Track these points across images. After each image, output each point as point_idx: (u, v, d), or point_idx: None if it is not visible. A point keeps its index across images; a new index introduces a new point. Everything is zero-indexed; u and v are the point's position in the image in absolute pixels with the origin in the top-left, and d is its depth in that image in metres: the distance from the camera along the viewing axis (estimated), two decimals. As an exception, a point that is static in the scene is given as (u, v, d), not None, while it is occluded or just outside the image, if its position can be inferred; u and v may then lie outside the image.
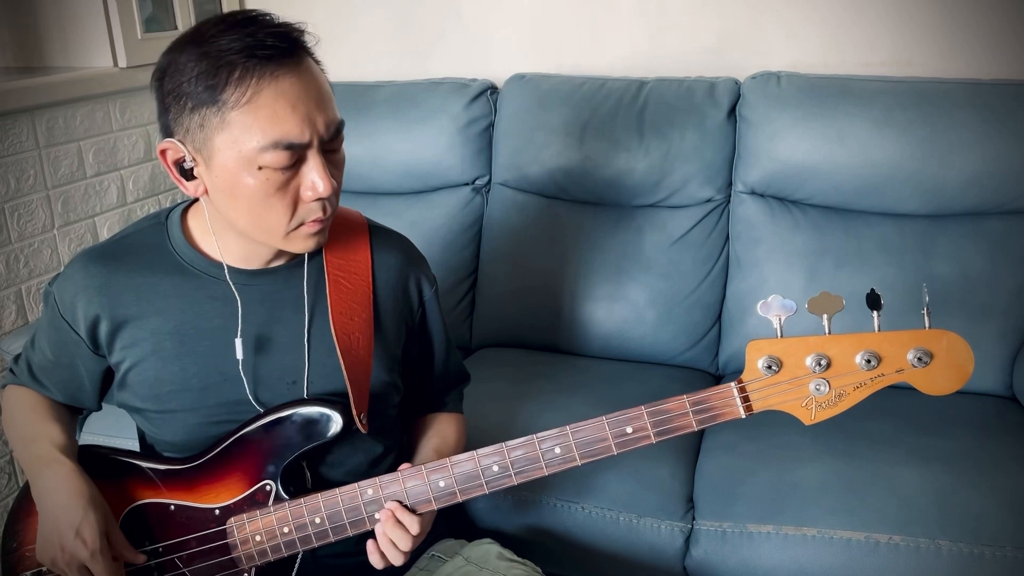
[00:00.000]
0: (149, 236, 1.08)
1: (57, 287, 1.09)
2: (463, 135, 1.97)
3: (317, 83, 0.94)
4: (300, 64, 0.92)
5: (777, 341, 0.90)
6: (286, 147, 0.91)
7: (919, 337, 0.88)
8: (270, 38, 0.90)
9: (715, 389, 0.92)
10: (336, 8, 2.22)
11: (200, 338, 1.05)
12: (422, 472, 0.99)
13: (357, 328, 1.07)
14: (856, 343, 0.89)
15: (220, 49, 0.89)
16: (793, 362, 0.90)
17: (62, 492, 1.00)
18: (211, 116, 0.90)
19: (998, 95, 1.68)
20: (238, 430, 1.04)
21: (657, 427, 0.94)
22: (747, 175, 1.81)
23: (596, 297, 1.83)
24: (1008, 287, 1.65)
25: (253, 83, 0.89)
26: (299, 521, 1.01)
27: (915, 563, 1.28)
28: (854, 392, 0.90)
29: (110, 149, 1.94)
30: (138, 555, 1.04)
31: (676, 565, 1.39)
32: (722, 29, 1.97)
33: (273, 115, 0.90)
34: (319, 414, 1.02)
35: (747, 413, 0.92)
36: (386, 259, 1.13)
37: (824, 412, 0.91)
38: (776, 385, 0.91)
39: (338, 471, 1.09)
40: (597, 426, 0.96)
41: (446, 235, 1.97)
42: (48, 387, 1.14)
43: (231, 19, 0.92)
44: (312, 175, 0.94)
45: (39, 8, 1.91)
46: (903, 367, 0.88)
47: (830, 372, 0.90)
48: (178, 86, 0.91)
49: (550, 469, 0.97)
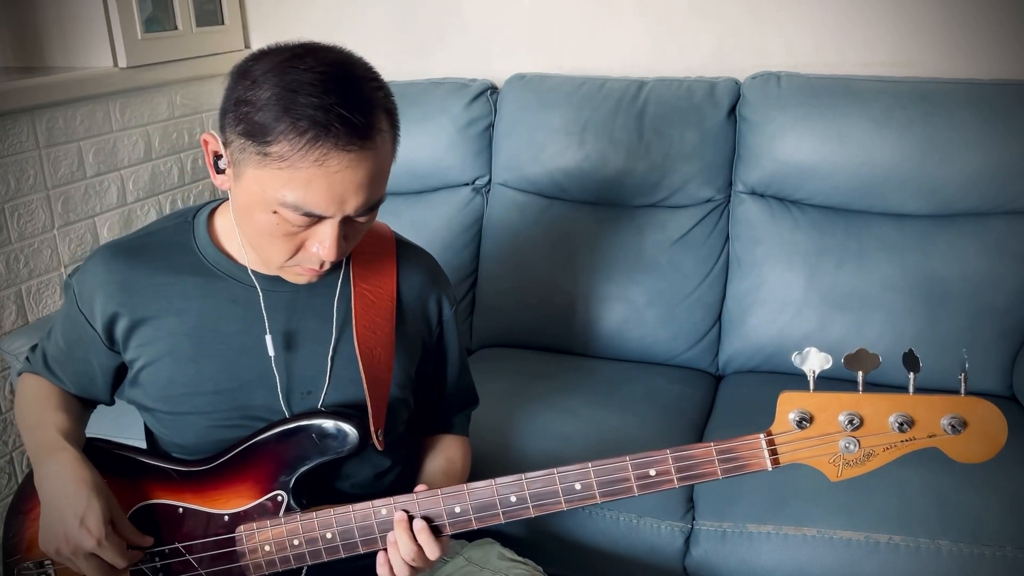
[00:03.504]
0: (174, 234, 1.08)
1: (77, 279, 1.08)
2: (463, 135, 1.97)
3: (368, 169, 0.90)
4: (362, 148, 0.88)
5: (810, 396, 0.89)
6: (305, 213, 0.90)
7: (955, 403, 0.86)
8: (347, 114, 0.86)
9: (743, 439, 0.91)
10: (336, 8, 2.22)
11: (218, 341, 1.04)
12: (438, 496, 0.98)
13: (379, 342, 1.06)
14: (890, 404, 0.87)
15: (293, 102, 0.86)
16: (825, 418, 0.88)
17: (65, 480, 0.99)
18: (253, 152, 0.89)
19: (998, 95, 1.68)
20: (252, 437, 1.03)
21: (681, 472, 0.93)
22: (747, 175, 1.81)
23: (596, 297, 1.83)
24: (1008, 287, 1.65)
25: (303, 150, 0.86)
26: (310, 535, 1.00)
27: (915, 563, 1.28)
28: (883, 453, 0.89)
29: (110, 149, 1.94)
30: (145, 538, 1.03)
31: (676, 565, 1.40)
32: (722, 29, 1.97)
33: (307, 185, 0.87)
34: (337, 429, 1.01)
35: (773, 466, 0.91)
36: (411, 275, 1.13)
37: (851, 470, 0.90)
38: (806, 440, 0.90)
39: (344, 483, 1.08)
40: (620, 466, 0.94)
41: (446, 235, 1.97)
42: (61, 378, 1.14)
43: (327, 73, 0.87)
44: (322, 238, 0.92)
45: (39, 8, 1.91)
46: (935, 433, 0.87)
47: (861, 431, 0.88)
48: (243, 103, 0.89)
49: (569, 505, 0.95)
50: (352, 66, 0.90)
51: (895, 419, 0.87)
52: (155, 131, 2.06)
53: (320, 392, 1.05)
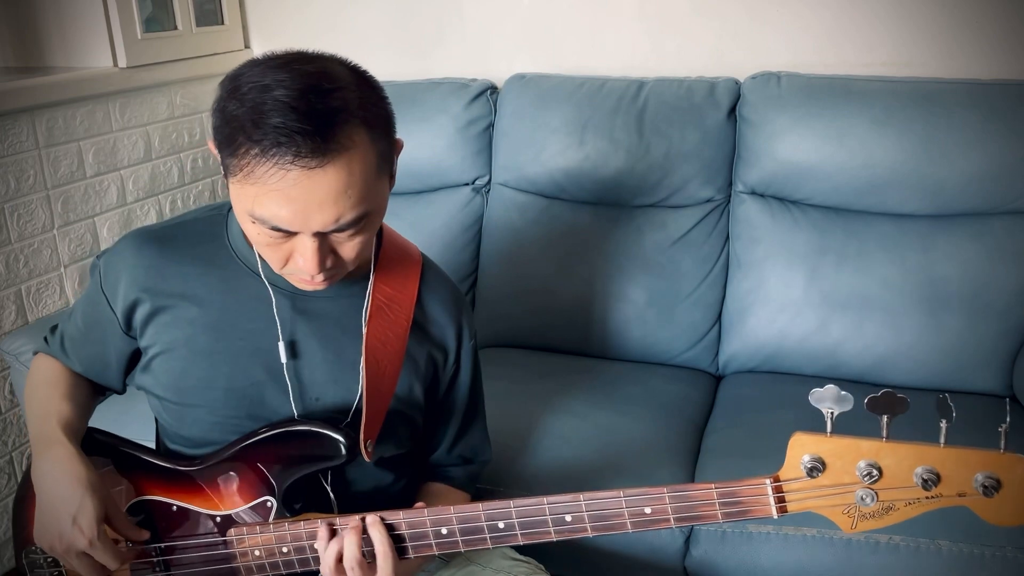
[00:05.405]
0: (207, 226, 1.08)
1: (105, 260, 1.08)
2: (463, 135, 1.97)
3: (332, 185, 0.85)
4: (321, 165, 0.84)
5: (825, 439, 0.80)
6: (273, 227, 0.88)
7: (990, 460, 0.76)
8: (305, 129, 0.82)
9: (747, 483, 0.84)
10: (336, 8, 2.22)
11: (236, 337, 1.03)
12: (425, 517, 0.95)
13: (387, 358, 1.05)
14: (916, 456, 0.77)
15: (260, 117, 0.83)
16: (840, 466, 0.80)
17: (59, 477, 0.99)
18: (225, 160, 0.89)
19: (998, 95, 1.68)
20: (245, 439, 1.03)
21: (678, 513, 0.87)
22: (747, 175, 1.81)
23: (596, 297, 1.83)
24: (1008, 287, 1.65)
25: (260, 166, 0.84)
26: (298, 543, 0.99)
27: (915, 563, 1.28)
28: (905, 508, 0.79)
29: (110, 149, 1.94)
30: (141, 531, 1.03)
31: (676, 565, 1.39)
32: (722, 29, 1.97)
33: (268, 200, 0.85)
34: (325, 437, 1.00)
35: (780, 514, 0.83)
36: (433, 299, 1.11)
37: (868, 523, 0.81)
38: (817, 489, 0.81)
39: (344, 495, 1.07)
40: (613, 501, 0.88)
41: (446, 235, 1.97)
42: (74, 360, 1.13)
43: (296, 89, 0.84)
44: (302, 251, 0.90)
45: (39, 8, 1.91)
46: (965, 491, 0.77)
47: (881, 483, 0.79)
48: (219, 113, 0.88)
49: (559, 536, 0.91)
50: (327, 78, 0.86)
51: (921, 473, 0.78)
52: (155, 131, 2.06)
53: (329, 400, 1.05)
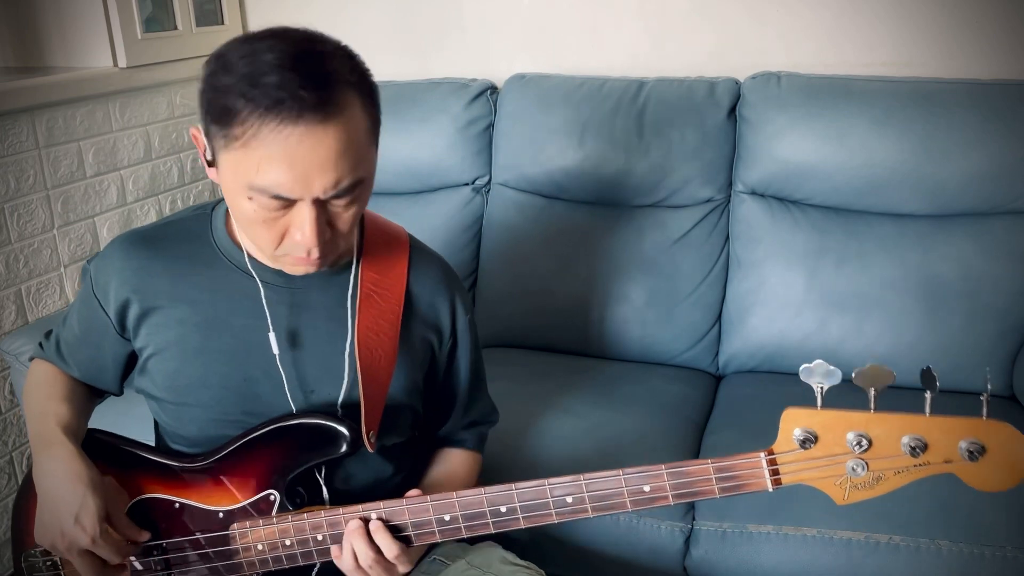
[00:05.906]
0: (193, 225, 1.08)
1: (95, 265, 1.09)
2: (463, 135, 1.97)
3: (332, 144, 0.87)
4: (323, 122, 0.85)
5: (816, 412, 0.83)
6: (274, 196, 0.88)
7: (974, 427, 0.79)
8: (305, 86, 0.84)
9: (742, 457, 0.87)
10: (336, 8, 2.22)
11: (227, 335, 1.04)
12: (428, 504, 0.97)
13: (380, 346, 1.05)
14: (903, 425, 0.81)
15: (255, 83, 0.85)
16: (831, 438, 0.83)
17: (60, 476, 0.99)
18: (222, 137, 0.89)
19: (998, 95, 1.68)
20: (246, 435, 1.03)
21: (676, 489, 0.90)
22: (747, 175, 1.81)
23: (596, 297, 1.83)
24: (1008, 287, 1.65)
25: (261, 127, 0.85)
26: (301, 536, 1.00)
27: (915, 563, 1.28)
28: (894, 477, 0.83)
29: (110, 149, 1.94)
30: (142, 532, 1.03)
31: (676, 565, 1.40)
32: (722, 29, 1.97)
33: (270, 164, 0.86)
34: (328, 429, 1.01)
35: (775, 487, 0.86)
36: (423, 279, 1.11)
37: (859, 493, 0.85)
38: (810, 460, 0.84)
39: (345, 486, 1.07)
40: (613, 480, 0.91)
41: (446, 235, 1.97)
42: (71, 364, 1.14)
43: (289, 51, 0.86)
44: (300, 223, 0.90)
45: (39, 8, 1.91)
46: (952, 458, 0.80)
47: (870, 453, 0.82)
48: (210, 89, 0.89)
49: (560, 518, 0.93)
50: (318, 42, 0.89)
51: (908, 442, 0.81)
52: (155, 131, 2.06)
53: (323, 391, 1.05)
